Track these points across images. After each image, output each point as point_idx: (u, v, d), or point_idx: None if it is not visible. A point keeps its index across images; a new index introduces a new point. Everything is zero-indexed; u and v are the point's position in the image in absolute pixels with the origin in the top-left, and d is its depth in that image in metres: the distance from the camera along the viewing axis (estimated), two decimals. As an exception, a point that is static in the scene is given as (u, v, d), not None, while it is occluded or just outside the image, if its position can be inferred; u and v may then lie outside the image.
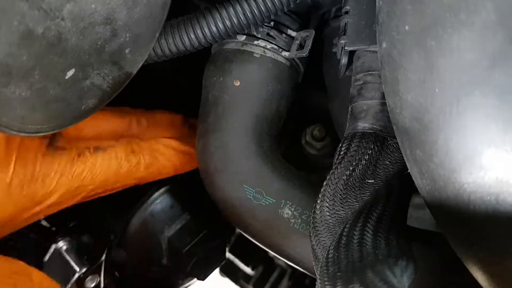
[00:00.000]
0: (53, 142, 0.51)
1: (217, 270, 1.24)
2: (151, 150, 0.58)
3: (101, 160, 0.54)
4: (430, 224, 0.67)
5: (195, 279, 0.69)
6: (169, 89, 0.75)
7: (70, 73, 0.38)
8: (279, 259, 1.23)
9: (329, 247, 0.36)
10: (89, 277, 0.56)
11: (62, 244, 0.56)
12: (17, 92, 0.34)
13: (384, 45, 0.33)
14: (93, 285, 0.56)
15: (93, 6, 0.36)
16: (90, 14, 0.36)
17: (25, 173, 0.48)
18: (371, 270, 0.28)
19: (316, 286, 0.33)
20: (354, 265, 0.30)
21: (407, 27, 0.29)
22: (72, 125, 0.43)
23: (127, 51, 0.43)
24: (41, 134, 0.40)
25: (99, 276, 0.57)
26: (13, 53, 0.32)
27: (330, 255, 0.34)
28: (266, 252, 1.22)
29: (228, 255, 1.21)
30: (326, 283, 0.30)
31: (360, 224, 0.37)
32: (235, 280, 1.28)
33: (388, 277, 0.28)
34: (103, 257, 0.57)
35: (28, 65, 0.34)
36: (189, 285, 0.71)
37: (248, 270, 1.23)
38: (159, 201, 0.61)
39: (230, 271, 1.27)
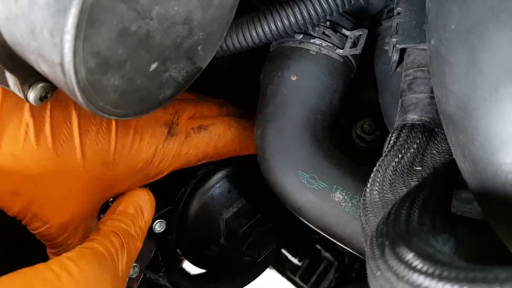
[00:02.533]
0: (171, 131, 0.59)
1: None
2: (242, 127, 0.66)
3: (202, 138, 0.62)
4: (477, 216, 0.69)
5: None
6: (227, 84, 0.80)
7: (153, 66, 0.44)
8: (326, 251, 1.27)
9: (378, 223, 0.40)
10: (157, 222, 0.63)
11: None
12: (112, 80, 0.40)
13: (432, 42, 0.37)
14: (161, 230, 0.63)
15: (175, 8, 0.41)
16: (173, 15, 0.41)
17: (147, 160, 0.57)
18: (416, 237, 0.32)
19: (366, 254, 0.37)
20: (401, 235, 0.34)
21: (453, 26, 0.33)
22: (150, 112, 0.49)
23: (199, 47, 0.48)
24: (127, 118, 0.46)
25: (165, 222, 0.63)
26: (112, 47, 0.38)
27: (379, 229, 0.38)
28: (313, 244, 1.26)
29: (276, 246, 1.25)
30: (375, 250, 0.34)
31: (407, 204, 0.41)
32: (282, 271, 1.31)
33: (431, 242, 0.31)
34: (170, 207, 0.63)
35: (122, 58, 0.40)
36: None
37: (295, 261, 1.27)
38: (219, 186, 0.67)
39: (277, 262, 1.30)
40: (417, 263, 0.28)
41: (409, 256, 0.29)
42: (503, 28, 0.29)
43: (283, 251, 1.27)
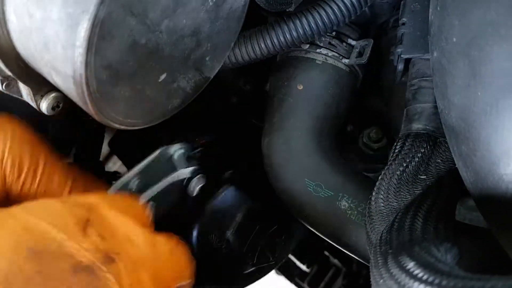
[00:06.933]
0: None
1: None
2: None
3: None
4: (483, 224, 0.70)
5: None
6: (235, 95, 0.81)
7: (162, 77, 0.45)
8: (334, 258, 1.27)
9: (382, 231, 0.41)
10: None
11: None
12: (122, 91, 0.42)
13: (435, 54, 0.37)
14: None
15: (184, 21, 0.42)
16: (181, 28, 0.43)
17: None
18: (418, 246, 0.33)
19: (370, 263, 0.38)
20: (404, 244, 0.35)
21: (454, 39, 0.34)
22: (159, 121, 0.50)
23: (207, 58, 0.49)
24: (136, 127, 0.47)
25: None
26: (122, 59, 0.39)
27: (383, 237, 0.38)
28: (322, 251, 1.26)
29: (285, 252, 1.25)
30: (378, 258, 0.35)
31: (411, 213, 0.41)
32: (290, 278, 1.32)
33: (433, 251, 0.32)
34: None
35: (132, 70, 0.41)
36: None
37: (303, 267, 1.27)
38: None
39: (286, 269, 1.31)
40: (418, 271, 0.29)
41: (411, 265, 0.30)
42: (503, 43, 0.30)
43: (292, 257, 1.27)
